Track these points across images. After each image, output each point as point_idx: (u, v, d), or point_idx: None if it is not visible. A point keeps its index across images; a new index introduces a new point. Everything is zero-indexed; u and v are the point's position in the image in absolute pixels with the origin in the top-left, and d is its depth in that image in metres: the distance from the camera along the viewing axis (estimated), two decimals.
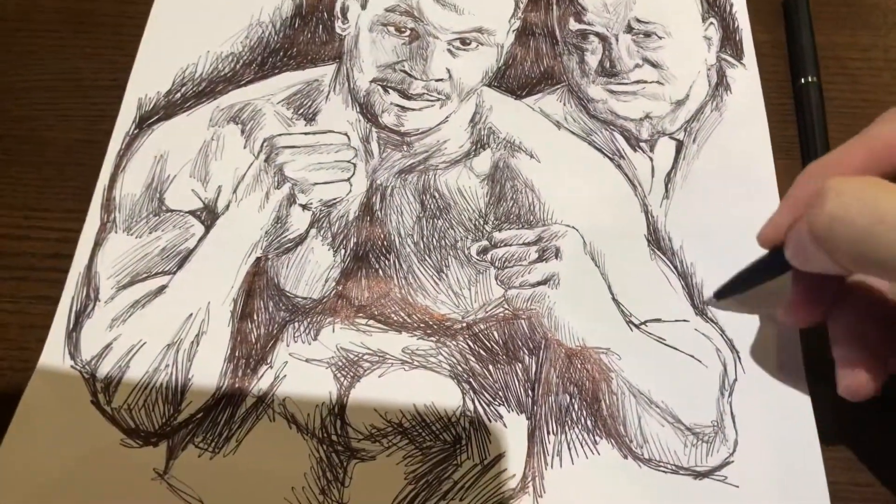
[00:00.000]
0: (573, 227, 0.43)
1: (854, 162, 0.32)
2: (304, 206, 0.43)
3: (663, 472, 0.37)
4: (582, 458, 0.37)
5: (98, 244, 0.42)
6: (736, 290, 0.40)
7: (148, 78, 0.47)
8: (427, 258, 0.42)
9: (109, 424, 0.37)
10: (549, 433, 0.38)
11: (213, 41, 0.49)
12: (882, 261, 0.28)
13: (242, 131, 0.46)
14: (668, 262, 0.42)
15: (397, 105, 0.46)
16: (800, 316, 0.36)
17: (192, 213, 0.43)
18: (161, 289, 0.41)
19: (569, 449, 0.37)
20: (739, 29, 0.50)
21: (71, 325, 0.39)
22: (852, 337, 0.34)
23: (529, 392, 0.39)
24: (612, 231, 0.43)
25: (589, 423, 0.38)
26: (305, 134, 0.46)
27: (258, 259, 0.42)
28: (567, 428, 0.38)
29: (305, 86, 0.47)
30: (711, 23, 0.50)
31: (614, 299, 0.41)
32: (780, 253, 0.34)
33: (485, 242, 0.42)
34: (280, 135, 0.45)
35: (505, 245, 0.42)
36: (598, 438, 0.38)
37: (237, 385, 0.38)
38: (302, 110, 0.46)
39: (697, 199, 0.44)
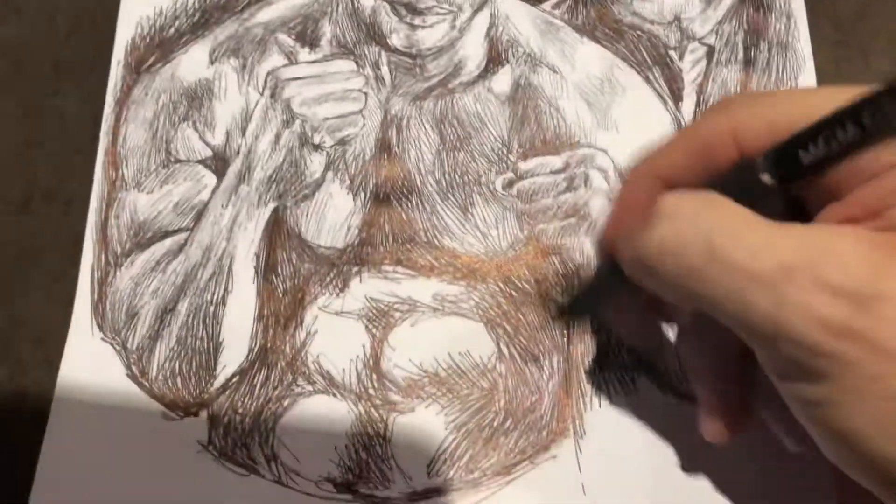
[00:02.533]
0: (602, 150, 0.40)
1: (677, 161, 0.28)
2: (318, 147, 0.41)
3: None
4: (621, 396, 0.37)
5: (110, 204, 0.40)
6: (590, 306, 0.37)
7: (138, 16, 0.44)
8: (451, 196, 0.40)
9: (148, 398, 0.37)
10: (586, 373, 0.37)
11: None
12: (713, 303, 0.25)
13: (244, 66, 0.43)
14: None
15: (407, 23, 0.42)
16: (637, 336, 0.33)
17: (201, 161, 0.41)
18: (180, 248, 0.40)
19: (607, 387, 0.37)
20: None
21: (96, 297, 0.39)
22: (700, 368, 0.32)
23: (564, 332, 0.38)
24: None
25: (626, 359, 0.37)
26: (310, 63, 0.43)
27: (276, 208, 0.40)
28: (604, 367, 0.37)
29: (306, 8, 0.44)
30: None
31: None
32: (617, 265, 0.29)
33: (510, 174, 0.40)
34: (284, 66, 0.42)
35: (531, 175, 0.40)
36: (636, 375, 0.37)
37: (269, 345, 0.38)
38: (305, 36, 0.43)
39: None
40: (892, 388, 0.22)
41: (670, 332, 0.37)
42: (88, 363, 0.38)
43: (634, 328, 0.33)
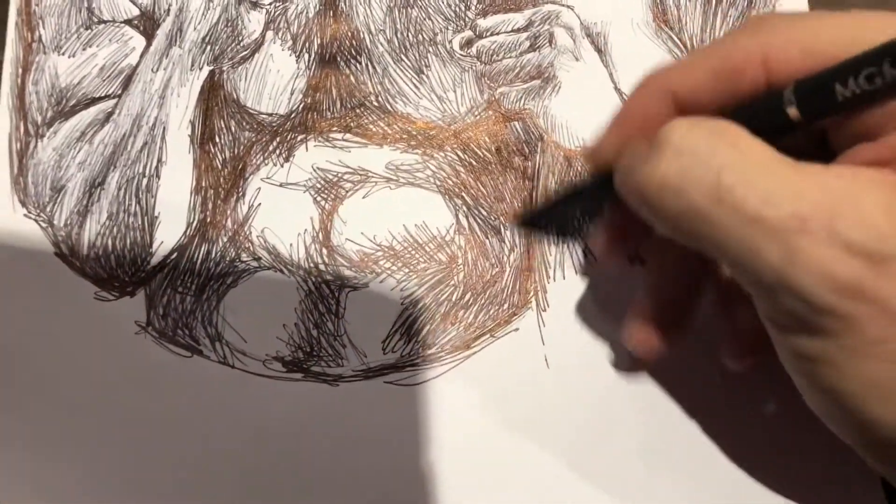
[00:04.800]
0: (568, 6, 0.37)
1: (697, 81, 0.25)
2: (255, 3, 0.37)
3: None
4: (586, 267, 0.35)
5: (26, 69, 0.37)
6: (549, 214, 0.33)
7: None
8: (404, 58, 0.37)
9: (80, 277, 0.34)
10: (549, 244, 0.35)
11: None
12: (715, 247, 0.23)
13: None
14: (676, 38, 0.37)
15: None
16: (607, 251, 0.30)
17: (128, 22, 0.37)
18: (108, 116, 0.36)
19: (571, 259, 0.35)
20: None
21: (16, 170, 0.35)
22: (659, 284, 0.30)
23: (527, 201, 0.36)
24: (612, 7, 0.37)
25: (591, 229, 0.35)
26: None
27: (211, 72, 0.37)
28: (568, 238, 0.35)
29: None
30: None
31: (617, 89, 0.36)
32: (609, 180, 0.27)
33: (468, 33, 0.37)
34: None
35: (491, 34, 0.37)
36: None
37: (209, 219, 0.35)
38: None
39: None
40: (893, 352, 0.21)
41: None
42: (11, 241, 0.34)
43: (612, 249, 0.31)
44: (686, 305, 0.30)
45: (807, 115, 0.23)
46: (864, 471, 0.30)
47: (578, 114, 0.36)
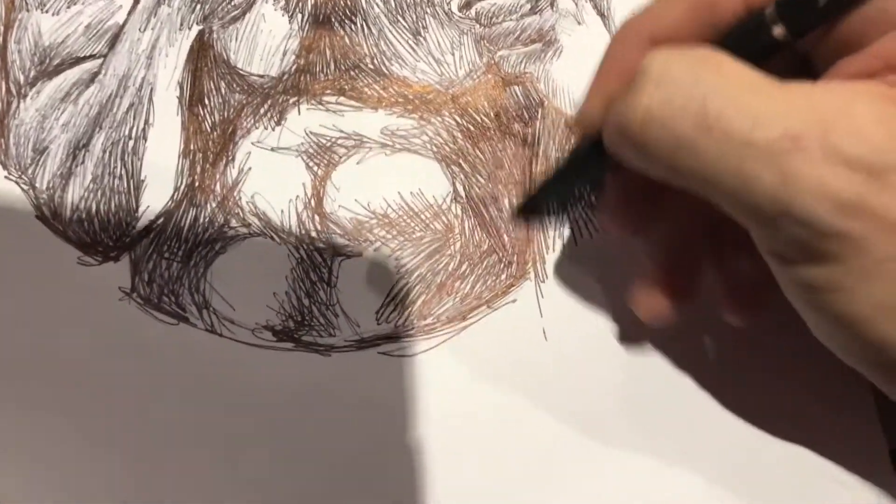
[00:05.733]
0: None
1: (674, 19, 0.25)
2: None
3: None
4: (586, 237, 0.34)
5: (8, 27, 0.35)
6: (546, 197, 0.32)
7: None
8: (400, 19, 0.36)
9: (61, 241, 0.33)
10: (549, 213, 0.34)
11: None
12: (706, 179, 0.22)
13: None
14: None
15: None
16: (615, 222, 0.29)
17: None
18: (93, 76, 0.35)
19: (571, 229, 0.34)
20: None
21: None
22: (667, 249, 0.29)
23: (526, 169, 0.34)
24: None
25: (592, 198, 0.34)
26: None
27: (201, 32, 0.35)
28: (569, 206, 0.34)
29: None
30: None
31: None
32: (599, 143, 0.26)
33: None
34: None
35: None
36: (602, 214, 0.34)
37: (197, 183, 0.34)
38: None
39: None
40: None
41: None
42: None
43: (616, 219, 0.30)
44: (694, 270, 0.29)
45: (792, 31, 0.22)
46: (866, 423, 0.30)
47: (580, 79, 0.35)
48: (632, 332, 0.32)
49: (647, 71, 0.22)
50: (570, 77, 0.35)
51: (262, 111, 0.35)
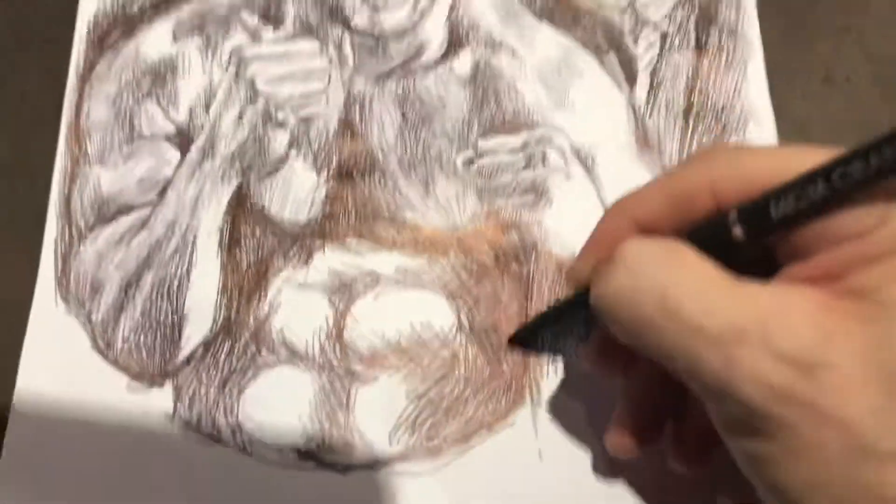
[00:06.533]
0: (559, 130, 0.42)
1: (655, 209, 0.28)
2: (281, 123, 0.42)
3: None
4: (577, 363, 0.38)
5: (73, 180, 0.41)
6: (539, 332, 0.36)
7: None
8: (413, 173, 0.41)
9: (114, 369, 0.37)
10: (543, 344, 0.38)
11: None
12: (665, 355, 0.25)
13: (208, 44, 0.43)
14: (657, 160, 0.41)
15: (369, 4, 0.43)
16: (598, 365, 0.33)
17: (165, 137, 0.41)
18: (144, 222, 0.40)
19: (563, 358, 0.38)
20: None
21: (59, 271, 0.39)
22: (638, 397, 0.33)
23: (523, 304, 0.39)
24: (600, 131, 0.42)
25: (581, 330, 0.39)
26: (274, 42, 0.43)
27: (240, 184, 0.41)
28: (560, 339, 0.39)
29: None
30: None
31: (603, 205, 0.41)
32: (586, 295, 0.29)
33: (470, 152, 0.41)
34: (248, 44, 0.43)
35: (491, 153, 0.41)
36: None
37: (233, 317, 0.39)
38: (268, 15, 0.44)
39: (683, 92, 0.43)
40: (830, 454, 0.22)
41: None
42: (52, 336, 0.38)
43: (597, 361, 0.34)
44: (658, 418, 0.33)
45: (749, 236, 0.26)
46: None
47: (569, 226, 0.40)
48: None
49: (622, 257, 0.26)
50: (559, 224, 0.40)
51: (291, 252, 0.40)
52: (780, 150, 0.27)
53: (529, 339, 0.37)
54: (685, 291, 0.25)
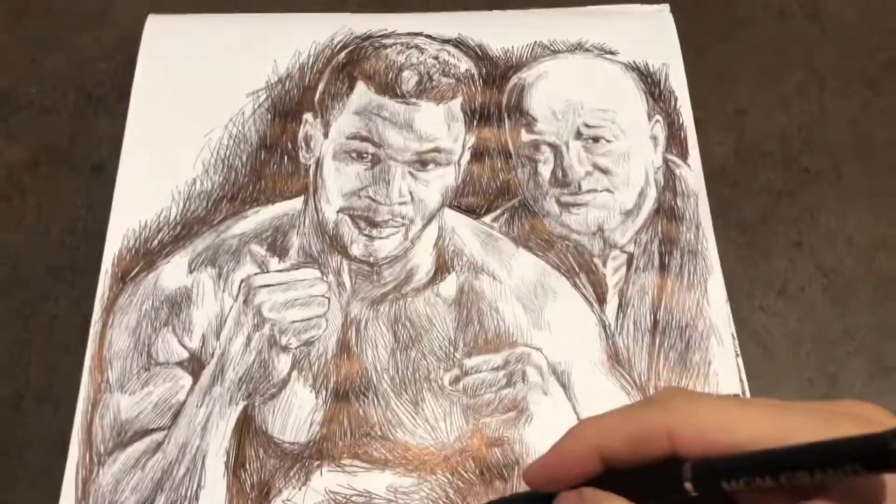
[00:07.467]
0: (537, 349, 0.46)
1: (615, 442, 0.30)
2: (285, 348, 0.46)
3: None
4: None
5: (94, 406, 0.45)
6: None
7: (125, 228, 0.49)
8: (403, 392, 0.45)
9: None
10: None
11: (181, 178, 0.51)
12: None
13: (220, 275, 0.48)
14: (627, 377, 0.45)
15: (365, 235, 0.49)
16: None
17: (179, 364, 0.46)
18: (158, 446, 0.44)
19: None
20: (684, 126, 0.52)
21: (79, 494, 0.42)
22: None
23: None
24: (574, 349, 0.46)
25: None
26: (279, 272, 0.48)
27: (245, 406, 0.45)
28: None
29: (276, 221, 0.50)
30: (657, 120, 0.53)
31: (579, 419, 0.44)
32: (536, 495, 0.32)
33: (456, 371, 0.45)
34: (256, 274, 0.48)
35: (475, 372, 0.45)
36: None
37: None
38: (275, 247, 0.49)
39: (649, 310, 0.47)
40: None
41: None
42: None
43: None
44: None
45: (700, 491, 0.28)
46: None
47: (548, 442, 0.43)
48: None
49: None
50: (540, 441, 0.43)
51: (291, 473, 0.43)
52: (733, 408, 0.30)
53: None
54: None
